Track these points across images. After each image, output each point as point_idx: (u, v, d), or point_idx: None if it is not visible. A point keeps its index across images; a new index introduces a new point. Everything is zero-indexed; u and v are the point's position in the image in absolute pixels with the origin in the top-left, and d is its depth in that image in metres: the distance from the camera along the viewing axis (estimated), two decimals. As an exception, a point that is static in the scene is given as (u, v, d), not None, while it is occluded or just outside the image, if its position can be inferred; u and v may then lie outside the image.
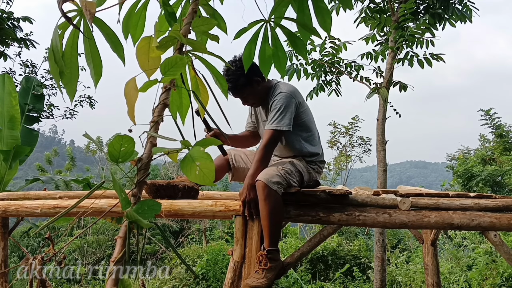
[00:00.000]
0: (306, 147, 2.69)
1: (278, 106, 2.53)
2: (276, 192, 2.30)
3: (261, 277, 2.24)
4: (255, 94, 2.67)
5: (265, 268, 2.26)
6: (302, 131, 2.69)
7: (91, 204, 2.44)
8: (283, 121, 2.50)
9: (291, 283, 6.56)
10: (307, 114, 2.72)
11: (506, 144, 9.04)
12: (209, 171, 1.04)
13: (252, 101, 2.73)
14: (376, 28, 5.41)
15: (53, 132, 61.46)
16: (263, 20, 1.37)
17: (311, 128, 2.74)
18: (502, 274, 5.34)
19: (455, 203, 2.52)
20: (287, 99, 2.54)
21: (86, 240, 8.29)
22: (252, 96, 2.68)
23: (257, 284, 2.22)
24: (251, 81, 2.60)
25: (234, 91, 2.63)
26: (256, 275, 2.27)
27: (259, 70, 2.61)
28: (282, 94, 2.55)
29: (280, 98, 2.54)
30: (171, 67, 1.12)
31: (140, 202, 1.04)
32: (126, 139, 1.04)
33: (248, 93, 2.65)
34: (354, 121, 10.38)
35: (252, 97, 2.69)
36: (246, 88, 2.63)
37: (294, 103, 2.57)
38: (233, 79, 2.58)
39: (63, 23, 1.20)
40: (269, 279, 2.26)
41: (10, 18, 7.09)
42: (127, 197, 1.02)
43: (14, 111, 4.86)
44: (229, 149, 2.94)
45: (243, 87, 2.62)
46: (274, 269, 2.30)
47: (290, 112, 2.54)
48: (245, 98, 2.70)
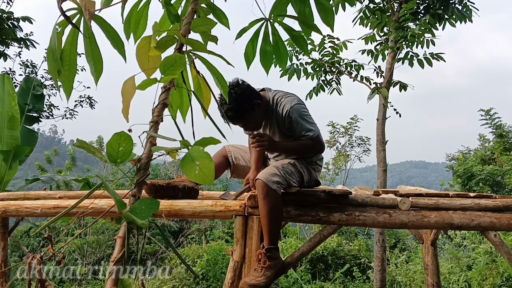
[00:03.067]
0: None
1: (302, 113, 2.52)
2: (275, 191, 2.30)
3: (260, 275, 2.24)
4: (256, 118, 2.57)
5: (264, 267, 2.26)
6: None
7: (90, 204, 2.43)
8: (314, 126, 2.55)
9: (291, 283, 6.56)
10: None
11: (506, 144, 9.04)
12: (209, 171, 1.04)
13: (253, 125, 2.62)
14: (376, 28, 5.40)
15: (53, 132, 61.47)
16: (263, 18, 1.37)
17: None
18: (502, 274, 5.33)
19: (455, 203, 2.52)
20: (304, 107, 2.57)
21: (86, 240, 8.28)
22: (254, 121, 2.58)
23: (256, 282, 2.22)
24: (253, 106, 2.50)
25: (236, 119, 2.51)
26: (255, 273, 2.27)
27: (256, 92, 2.60)
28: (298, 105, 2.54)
29: (299, 108, 2.53)
30: (171, 66, 1.12)
31: (138, 202, 1.04)
32: (124, 137, 1.04)
33: (250, 118, 2.54)
34: (353, 121, 10.39)
35: (254, 122, 2.59)
36: (248, 114, 2.51)
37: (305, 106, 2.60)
38: (235, 107, 2.44)
39: (62, 21, 1.20)
40: (268, 277, 2.25)
41: (10, 18, 7.09)
42: (121, 199, 1.02)
43: (13, 111, 4.85)
44: (228, 146, 2.93)
45: (246, 113, 2.50)
46: (273, 268, 2.30)
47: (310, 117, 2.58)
48: (247, 124, 2.60)
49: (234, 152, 2.88)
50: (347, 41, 5.37)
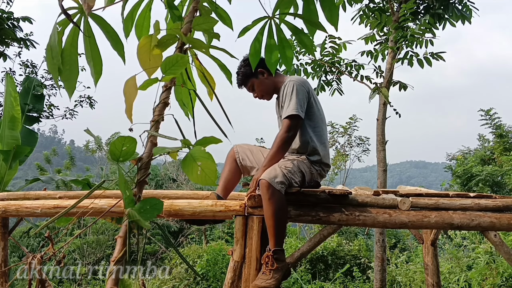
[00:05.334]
0: (313, 140, 2.64)
1: (288, 93, 2.55)
2: (279, 191, 2.30)
3: (269, 278, 2.23)
4: (261, 85, 2.78)
5: (272, 269, 2.25)
6: (311, 123, 2.67)
7: (91, 204, 2.43)
8: (296, 106, 2.50)
9: (291, 283, 6.56)
10: (318, 109, 2.72)
11: (506, 144, 9.04)
12: (211, 171, 1.04)
13: (260, 92, 2.81)
14: (376, 27, 5.40)
15: (53, 132, 61.43)
16: (267, 17, 1.36)
17: (319, 124, 2.71)
18: (502, 274, 5.33)
19: (455, 203, 2.52)
20: (297, 86, 2.56)
21: (86, 240, 8.28)
22: (259, 88, 2.79)
23: (266, 284, 2.21)
24: (255, 72, 2.72)
25: (240, 81, 2.81)
26: (264, 276, 2.26)
27: (262, 62, 2.68)
28: (291, 82, 2.60)
29: (289, 86, 2.58)
30: (172, 65, 1.12)
31: (142, 201, 1.03)
32: (128, 140, 1.05)
33: (252, 83, 2.78)
34: (352, 121, 10.39)
35: (259, 89, 2.80)
36: (250, 78, 2.77)
37: (304, 90, 2.57)
38: (237, 69, 2.80)
39: (63, 20, 1.20)
40: (277, 279, 2.25)
41: (10, 18, 7.09)
42: (132, 195, 1.02)
43: (14, 111, 4.85)
44: (236, 146, 2.92)
45: (246, 77, 2.77)
46: (281, 270, 2.29)
47: (301, 98, 2.53)
48: (252, 89, 2.82)
49: (241, 152, 2.89)
50: (347, 42, 5.37)
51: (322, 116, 2.77)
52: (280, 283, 2.28)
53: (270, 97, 2.86)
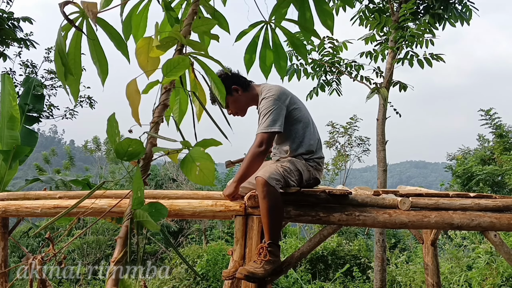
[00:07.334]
0: (302, 144, 2.68)
1: (264, 110, 2.57)
2: (274, 188, 2.31)
3: (259, 267, 2.23)
4: (235, 103, 2.75)
5: (263, 260, 2.25)
6: (297, 129, 2.68)
7: (91, 204, 2.43)
8: (268, 123, 2.53)
9: (291, 283, 6.56)
10: (300, 111, 2.71)
11: (506, 144, 9.05)
12: (209, 171, 1.05)
13: (235, 109, 2.78)
14: (376, 28, 5.40)
15: (53, 132, 61.36)
16: (263, 21, 1.36)
17: (307, 124, 2.73)
18: (502, 274, 5.34)
19: (455, 203, 2.52)
20: (273, 101, 2.57)
21: (86, 240, 8.28)
22: (233, 105, 2.75)
23: (253, 270, 2.21)
24: (229, 90, 2.66)
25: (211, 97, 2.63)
26: (254, 264, 2.26)
27: (240, 79, 2.68)
28: (269, 98, 2.59)
29: (267, 102, 2.58)
30: (173, 68, 1.12)
31: (149, 204, 1.04)
32: (134, 142, 1.06)
33: (227, 101, 2.73)
34: (352, 121, 10.40)
35: (234, 106, 2.77)
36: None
37: (280, 105, 2.58)
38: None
39: (66, 25, 1.20)
40: (266, 270, 2.24)
41: (10, 18, 7.08)
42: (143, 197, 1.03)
43: (13, 111, 4.85)
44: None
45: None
46: (272, 264, 2.29)
47: (276, 113, 2.55)
48: (227, 107, 2.77)
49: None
50: (347, 41, 5.37)
51: (305, 112, 2.77)
52: (269, 275, 2.27)
53: (244, 114, 2.82)
